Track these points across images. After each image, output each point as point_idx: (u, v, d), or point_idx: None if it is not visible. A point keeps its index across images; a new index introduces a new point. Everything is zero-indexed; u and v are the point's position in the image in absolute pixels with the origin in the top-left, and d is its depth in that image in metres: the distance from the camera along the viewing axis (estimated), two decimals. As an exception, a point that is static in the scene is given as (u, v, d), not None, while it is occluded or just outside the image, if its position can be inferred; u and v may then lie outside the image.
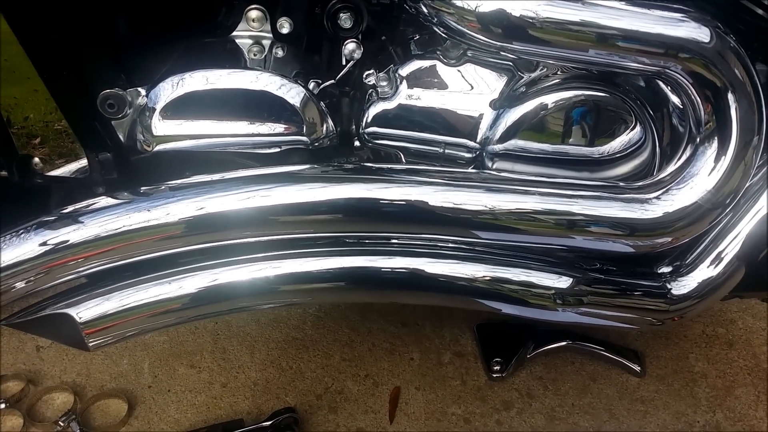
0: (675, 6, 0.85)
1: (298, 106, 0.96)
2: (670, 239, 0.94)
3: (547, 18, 0.84)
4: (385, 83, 0.99)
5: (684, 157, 0.92)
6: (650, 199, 0.90)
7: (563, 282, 1.00)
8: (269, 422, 1.27)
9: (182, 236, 0.92)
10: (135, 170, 1.00)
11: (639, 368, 1.40)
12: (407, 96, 1.00)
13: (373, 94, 1.02)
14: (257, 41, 1.02)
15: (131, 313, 0.97)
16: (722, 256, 1.02)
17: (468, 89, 1.00)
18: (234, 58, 1.02)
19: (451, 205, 0.92)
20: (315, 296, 1.10)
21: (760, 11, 0.96)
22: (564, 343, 1.42)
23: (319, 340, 1.49)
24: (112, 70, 0.97)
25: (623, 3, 0.84)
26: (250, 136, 0.97)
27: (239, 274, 0.98)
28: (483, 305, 1.03)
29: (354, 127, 1.04)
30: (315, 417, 1.34)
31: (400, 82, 1.00)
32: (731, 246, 1.01)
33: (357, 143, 1.05)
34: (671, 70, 0.85)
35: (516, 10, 0.85)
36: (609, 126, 1.01)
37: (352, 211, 0.93)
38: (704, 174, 0.90)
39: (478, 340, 1.46)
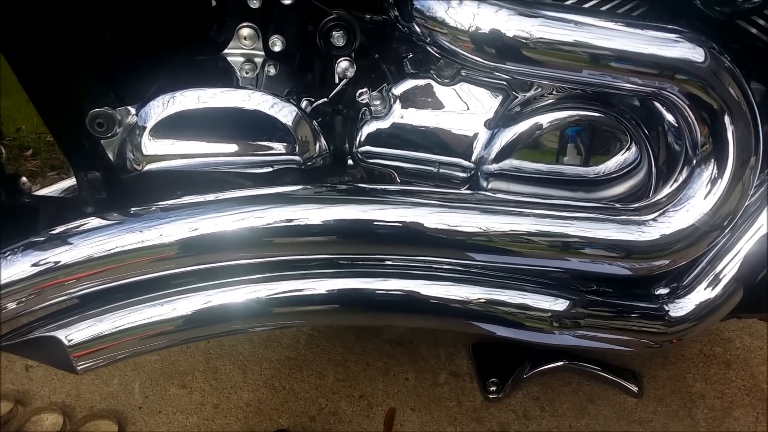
0: (669, 26, 0.84)
1: (291, 125, 0.95)
2: (667, 262, 0.93)
3: (541, 38, 0.83)
4: (378, 102, 0.98)
5: (681, 179, 0.91)
6: (647, 221, 0.89)
7: (560, 304, 0.99)
8: (261, 445, 1.25)
9: (175, 258, 0.91)
10: (125, 190, 0.99)
11: (637, 389, 1.38)
12: (401, 115, 0.99)
13: (367, 112, 1.00)
14: (249, 59, 1.01)
15: (122, 336, 0.95)
16: (720, 277, 1.00)
17: (462, 109, 0.98)
18: (226, 76, 1.01)
19: (445, 227, 0.91)
20: (308, 319, 1.09)
21: (754, 30, 0.95)
22: (561, 363, 1.40)
23: (312, 360, 1.48)
24: (101, 88, 0.95)
25: (617, 23, 0.83)
26: (242, 156, 0.96)
27: (232, 296, 0.97)
28: (479, 328, 1.02)
29: (347, 146, 1.03)
30: (308, 439, 1.32)
31: (394, 101, 0.99)
32: (729, 267, 1.00)
33: (350, 162, 1.04)
34: (667, 92, 0.84)
35: (510, 30, 0.84)
36: (604, 146, 1.00)
37: (346, 232, 0.91)
38: (701, 196, 0.89)
39: (473, 359, 1.44)
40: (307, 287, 0.97)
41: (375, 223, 0.91)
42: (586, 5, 0.93)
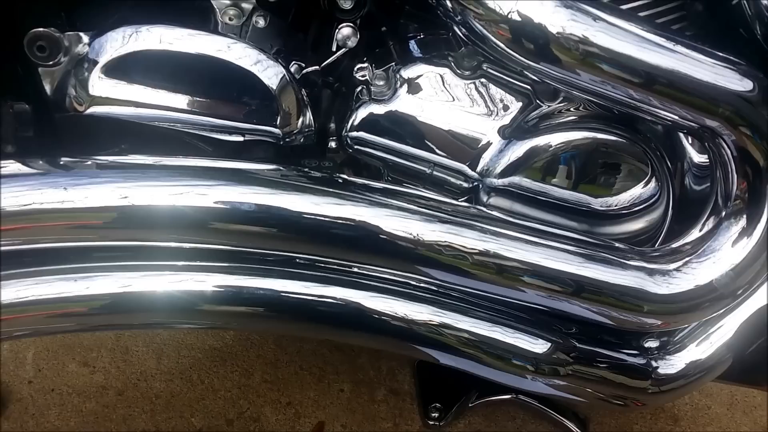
0: (736, 60, 0.73)
1: (274, 89, 0.80)
2: (664, 322, 0.84)
3: (591, 43, 0.71)
4: (381, 83, 0.84)
5: (706, 229, 0.81)
6: (670, 270, 0.78)
7: (540, 346, 0.88)
8: (168, 448, 1.09)
9: (99, 228, 0.75)
10: (57, 132, 0.81)
11: (582, 434, 1.30)
12: (405, 102, 0.85)
13: (365, 92, 0.86)
14: (236, 4, 0.85)
15: (24, 310, 0.78)
16: (713, 340, 0.92)
17: (477, 108, 0.86)
18: (203, 19, 0.85)
19: (412, 237, 0.78)
20: (238, 322, 0.93)
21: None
22: (508, 397, 1.30)
23: (239, 354, 1.32)
24: (49, 5, 0.79)
25: (684, 47, 0.71)
26: (210, 116, 0.82)
27: (156, 283, 0.80)
28: (433, 358, 0.90)
29: (334, 126, 0.88)
30: (222, 447, 1.17)
31: (400, 85, 0.85)
32: (723, 332, 0.92)
33: (333, 144, 0.89)
34: (721, 137, 0.74)
35: (556, 26, 0.71)
36: (621, 177, 0.90)
37: (296, 228, 0.77)
38: (727, 251, 0.80)
39: (417, 379, 1.32)
40: (239, 285, 0.82)
41: (325, 219, 0.76)
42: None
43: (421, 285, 0.87)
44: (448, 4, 0.75)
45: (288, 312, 0.85)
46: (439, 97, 0.85)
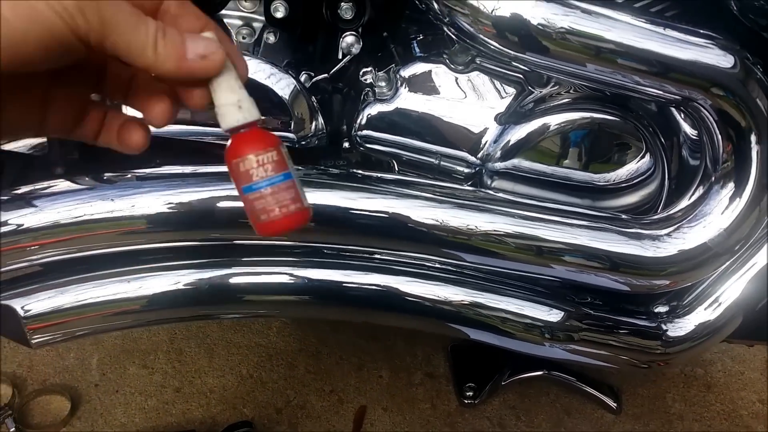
0: (705, 32, 0.78)
1: (287, 98, 0.88)
2: (670, 281, 0.88)
3: (570, 31, 0.77)
4: (384, 84, 0.91)
5: (697, 195, 0.86)
6: (661, 236, 0.84)
7: (554, 315, 0.94)
8: (223, 436, 1.18)
9: (146, 232, 0.84)
10: (99, 152, 0.90)
11: (615, 405, 1.34)
12: (407, 100, 0.92)
13: (370, 94, 0.93)
14: (248, 23, 0.94)
15: (83, 311, 0.88)
16: (721, 300, 0.96)
17: (473, 100, 0.92)
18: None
19: (437, 223, 0.85)
20: (281, 309, 1.02)
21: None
22: (540, 373, 1.35)
23: (283, 349, 1.41)
24: None
25: (655, 25, 0.77)
26: None
27: (203, 278, 0.89)
28: (463, 333, 0.96)
29: (346, 127, 0.96)
30: (273, 433, 1.26)
31: (401, 84, 0.92)
32: (732, 291, 0.96)
33: (347, 145, 0.97)
34: (698, 103, 0.79)
35: (536, 18, 0.77)
36: (617, 153, 0.95)
37: (330, 220, 0.85)
38: (718, 214, 0.84)
39: (451, 362, 1.39)
40: (282, 275, 0.91)
41: (361, 212, 0.84)
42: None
43: (437, 266, 0.94)
44: (436, 6, 0.82)
45: (333, 298, 0.93)
46: (438, 92, 0.92)
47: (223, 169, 0.86)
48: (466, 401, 1.32)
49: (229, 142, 0.43)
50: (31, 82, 0.41)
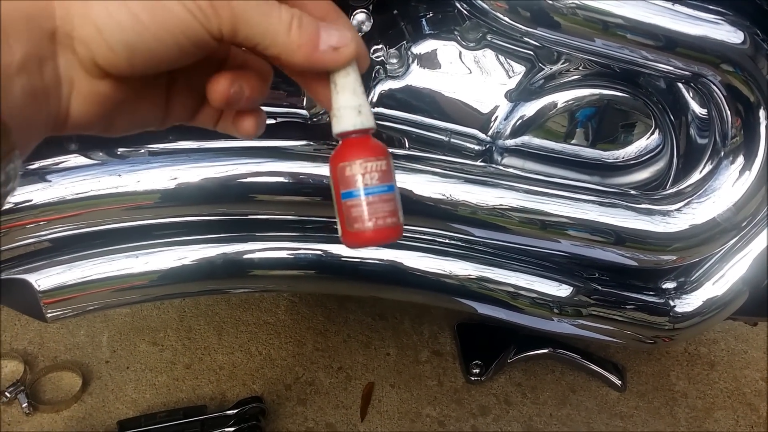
0: (715, 8, 0.78)
1: (299, 75, 0.88)
2: (678, 257, 0.89)
3: (583, 6, 0.77)
4: (395, 60, 0.91)
5: (706, 170, 0.87)
6: (671, 211, 0.84)
7: (563, 290, 0.95)
8: (234, 411, 1.20)
9: (152, 207, 0.85)
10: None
11: (620, 382, 1.35)
12: (418, 77, 0.92)
13: (381, 71, 0.94)
14: (259, 1, 0.94)
15: (93, 286, 0.89)
16: (728, 276, 0.97)
17: (484, 77, 0.93)
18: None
19: (448, 198, 0.86)
20: (289, 284, 1.03)
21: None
22: (546, 351, 1.36)
23: (292, 326, 1.42)
24: None
25: (666, 1, 0.77)
26: None
27: (212, 253, 0.90)
28: (471, 307, 0.97)
29: (357, 104, 0.96)
30: (283, 408, 1.27)
31: (412, 61, 0.93)
32: (738, 267, 0.97)
33: (357, 122, 0.97)
34: (707, 79, 0.79)
35: (549, -8, 0.78)
36: (626, 130, 0.95)
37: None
38: (727, 189, 0.85)
39: (457, 339, 1.40)
40: (291, 250, 0.92)
41: None
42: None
43: (447, 241, 0.95)
44: (448, -18, 0.83)
45: (342, 272, 0.94)
46: (448, 69, 0.92)
47: (233, 144, 0.88)
48: (472, 378, 1.33)
49: (339, 145, 0.41)
50: (159, 79, 0.41)
